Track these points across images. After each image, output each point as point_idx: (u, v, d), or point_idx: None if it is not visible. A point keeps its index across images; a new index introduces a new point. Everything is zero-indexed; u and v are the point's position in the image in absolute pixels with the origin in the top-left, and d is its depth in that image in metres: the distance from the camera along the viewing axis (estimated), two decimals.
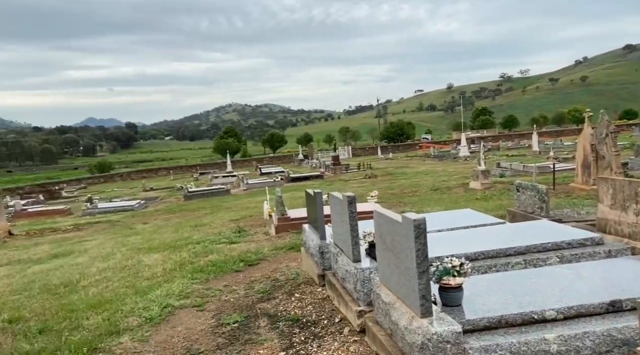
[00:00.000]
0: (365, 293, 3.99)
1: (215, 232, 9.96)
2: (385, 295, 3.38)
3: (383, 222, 3.39)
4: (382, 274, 3.55)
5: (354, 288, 4.13)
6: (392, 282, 3.31)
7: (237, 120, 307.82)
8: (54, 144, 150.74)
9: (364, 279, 4.00)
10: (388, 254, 3.34)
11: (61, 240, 12.05)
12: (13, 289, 6.46)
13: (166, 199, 25.06)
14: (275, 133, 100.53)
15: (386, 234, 3.34)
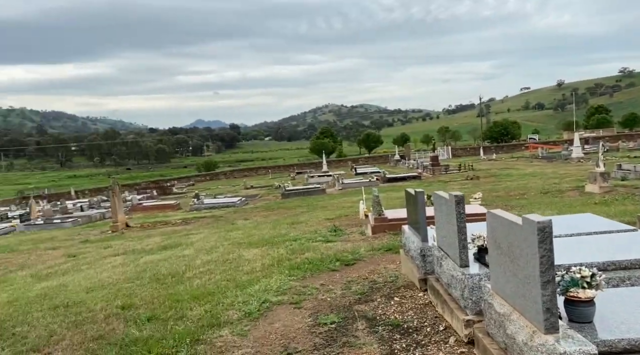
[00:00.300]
0: (474, 301, 3.65)
1: (311, 230, 9.99)
2: (499, 305, 3.03)
3: (498, 225, 3.04)
4: (496, 281, 3.20)
5: (461, 295, 3.80)
6: (508, 291, 2.96)
7: (333, 120, 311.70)
8: (167, 144, 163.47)
9: (472, 286, 3.66)
10: (503, 259, 3.00)
11: (170, 233, 12.85)
12: (127, 277, 6.92)
13: (265, 197, 25.91)
14: (371, 133, 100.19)
15: (502, 238, 2.99)
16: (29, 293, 6.51)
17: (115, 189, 16.50)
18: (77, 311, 5.32)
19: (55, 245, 12.84)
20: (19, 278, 7.93)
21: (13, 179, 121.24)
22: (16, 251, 12.20)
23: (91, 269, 8.02)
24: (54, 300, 5.86)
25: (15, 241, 15.21)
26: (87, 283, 6.80)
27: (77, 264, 8.91)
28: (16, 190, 69.02)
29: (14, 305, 5.84)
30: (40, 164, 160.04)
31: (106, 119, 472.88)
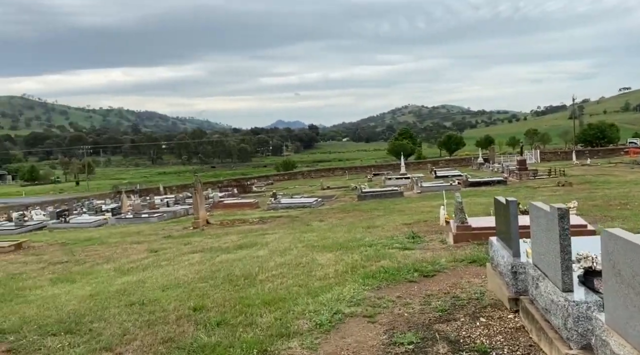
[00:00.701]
0: (580, 333, 3.11)
1: (387, 236, 9.57)
2: (617, 346, 2.50)
3: (619, 248, 2.51)
4: (612, 315, 2.66)
5: (563, 324, 3.26)
6: (632, 330, 2.42)
7: (413, 122, 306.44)
8: (248, 144, 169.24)
9: (578, 316, 3.12)
10: (625, 291, 2.46)
11: (247, 232, 12.98)
12: (201, 277, 6.94)
13: (341, 198, 25.73)
14: (453, 135, 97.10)
15: (623, 264, 2.46)
16: (110, 287, 6.72)
17: (198, 186, 17.05)
18: (151, 310, 5.35)
19: (141, 239, 13.43)
20: (103, 271, 8.28)
21: (110, 174, 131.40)
22: (105, 244, 12.90)
23: (170, 266, 8.19)
24: (131, 297, 5.97)
25: (106, 234, 16.17)
26: (164, 280, 6.90)
27: (157, 259, 9.17)
28: (112, 185, 74.50)
29: (95, 299, 6.03)
30: (134, 160, 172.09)
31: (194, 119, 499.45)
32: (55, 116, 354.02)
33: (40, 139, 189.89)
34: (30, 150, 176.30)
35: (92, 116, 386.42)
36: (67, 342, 4.45)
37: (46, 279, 7.99)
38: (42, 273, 8.61)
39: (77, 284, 7.27)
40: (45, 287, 7.25)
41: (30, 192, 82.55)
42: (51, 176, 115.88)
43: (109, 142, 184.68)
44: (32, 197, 65.70)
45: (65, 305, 5.81)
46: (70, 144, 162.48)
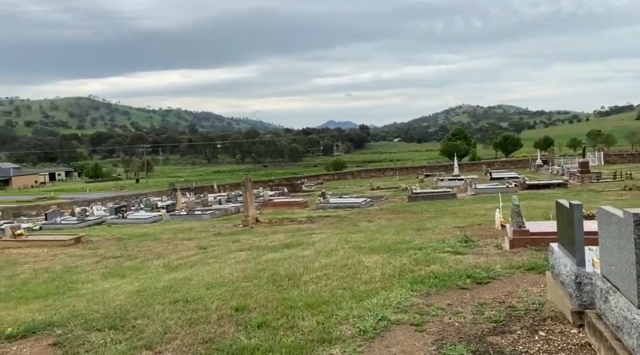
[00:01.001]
0: None
1: (438, 239, 9.18)
2: None
3: None
4: None
5: (639, 346, 2.88)
6: None
7: (467, 122, 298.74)
8: (300, 144, 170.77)
9: None
10: None
11: (294, 231, 12.92)
12: (246, 275, 6.88)
13: (391, 199, 25.30)
14: (509, 135, 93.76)
15: None
16: (157, 284, 6.78)
17: (248, 185, 17.20)
18: (194, 308, 5.31)
19: (191, 236, 13.67)
20: (152, 267, 8.41)
21: (168, 172, 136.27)
22: (158, 240, 13.21)
23: (216, 264, 8.21)
24: (176, 294, 5.98)
25: (160, 230, 16.61)
26: (209, 278, 6.90)
27: (205, 256, 9.24)
28: (169, 182, 77.16)
29: (141, 295, 6.09)
30: (191, 159, 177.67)
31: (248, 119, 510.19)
32: (118, 116, 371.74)
33: (104, 138, 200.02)
34: (94, 148, 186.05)
35: (152, 116, 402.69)
36: (110, 338, 4.47)
37: (98, 273, 8.22)
38: (96, 267, 8.87)
39: (126, 279, 7.41)
40: (96, 281, 7.44)
41: (93, 188, 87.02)
42: (113, 173, 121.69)
43: (167, 142, 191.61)
44: (95, 193, 69.20)
45: (113, 301, 5.89)
46: (132, 143, 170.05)
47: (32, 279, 8.03)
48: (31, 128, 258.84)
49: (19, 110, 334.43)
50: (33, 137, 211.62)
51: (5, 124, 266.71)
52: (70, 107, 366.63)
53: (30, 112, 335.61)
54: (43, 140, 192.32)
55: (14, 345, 4.51)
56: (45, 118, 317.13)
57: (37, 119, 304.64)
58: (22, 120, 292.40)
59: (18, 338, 4.67)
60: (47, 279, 7.82)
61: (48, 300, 6.20)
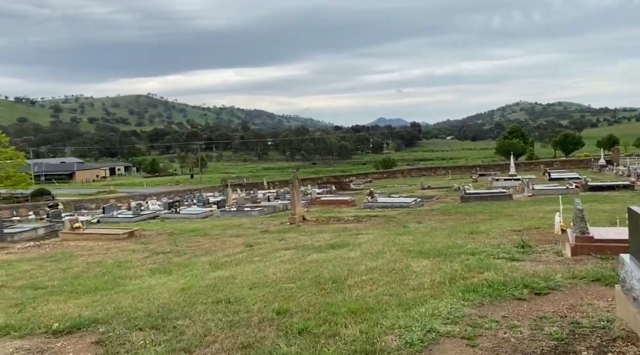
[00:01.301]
0: None
1: (493, 243, 8.70)
2: None
3: None
4: None
5: None
6: None
7: (524, 119, 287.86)
8: (349, 141, 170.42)
9: None
10: None
11: (341, 230, 12.71)
12: (290, 276, 6.74)
13: (442, 199, 24.58)
14: (570, 134, 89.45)
15: None
16: (202, 282, 6.77)
17: (295, 182, 17.15)
18: (235, 309, 5.21)
19: (240, 232, 13.76)
20: (199, 264, 8.45)
21: (221, 168, 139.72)
22: (208, 235, 13.37)
23: (261, 262, 8.13)
24: (219, 294, 5.92)
25: (210, 225, 16.86)
26: (253, 278, 6.81)
27: (251, 254, 9.20)
28: (221, 178, 78.90)
29: (185, 294, 6.07)
30: (242, 156, 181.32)
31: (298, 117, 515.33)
32: (175, 113, 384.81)
33: (161, 135, 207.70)
34: (152, 144, 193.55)
35: (206, 114, 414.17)
36: (150, 339, 4.43)
37: (147, 268, 8.34)
38: (145, 262, 9.03)
39: (172, 276, 7.46)
40: (144, 277, 7.54)
41: (150, 183, 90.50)
42: (169, 169, 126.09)
43: (220, 139, 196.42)
44: (152, 188, 71.87)
45: (157, 298, 5.91)
46: (187, 139, 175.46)
47: (84, 272, 8.26)
48: (94, 125, 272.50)
49: (83, 107, 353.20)
50: (96, 133, 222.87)
51: (70, 121, 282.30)
52: (130, 104, 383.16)
53: (93, 109, 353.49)
54: (104, 137, 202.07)
55: (60, 341, 4.57)
56: (107, 115, 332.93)
57: (100, 116, 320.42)
58: (85, 117, 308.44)
59: (64, 334, 4.73)
60: (97, 274, 8.02)
61: (96, 295, 6.31)
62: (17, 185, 62.69)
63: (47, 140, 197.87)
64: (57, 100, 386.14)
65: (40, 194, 62.54)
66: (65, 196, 60.86)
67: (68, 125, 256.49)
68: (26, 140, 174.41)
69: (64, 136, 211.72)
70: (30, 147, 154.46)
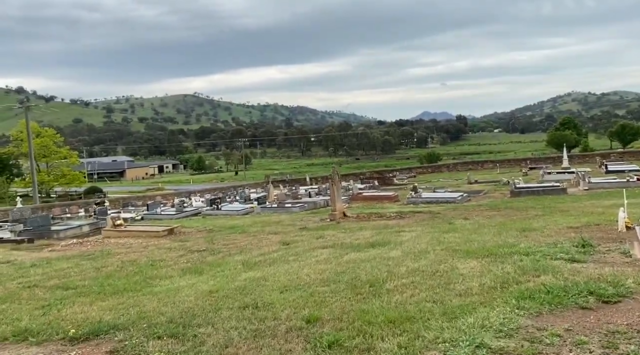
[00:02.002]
0: None
1: (548, 242, 7.91)
2: None
3: None
4: None
5: None
6: None
7: (577, 110, 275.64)
8: (392, 136, 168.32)
9: None
10: None
11: (382, 228, 12.13)
12: (324, 278, 6.27)
13: (490, 194, 23.47)
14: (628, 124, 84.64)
15: None
16: (232, 284, 6.40)
17: (335, 178, 16.67)
18: (262, 316, 4.79)
19: (278, 229, 13.43)
20: (232, 263, 8.11)
21: (265, 164, 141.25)
22: (246, 232, 13.12)
23: (296, 262, 7.70)
24: (247, 298, 5.52)
25: (249, 222, 16.66)
26: (285, 279, 6.38)
27: (286, 253, 8.80)
28: (264, 175, 79.55)
29: (212, 297, 5.71)
30: (286, 152, 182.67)
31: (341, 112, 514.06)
32: (220, 112, 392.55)
33: (208, 133, 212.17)
34: (199, 142, 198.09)
35: (251, 111, 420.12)
36: (167, 349, 4.07)
37: (179, 268, 8.08)
38: (178, 261, 8.80)
39: (203, 277, 7.15)
40: (174, 278, 7.26)
41: (197, 180, 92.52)
42: (215, 166, 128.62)
43: (264, 136, 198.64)
44: (197, 185, 73.33)
45: (183, 302, 5.58)
46: (232, 137, 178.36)
47: (117, 272, 8.09)
48: (144, 124, 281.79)
49: (133, 107, 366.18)
50: (145, 132, 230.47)
51: (122, 121, 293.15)
52: (177, 104, 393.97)
53: (143, 109, 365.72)
54: (153, 135, 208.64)
55: (74, 349, 4.30)
56: (156, 114, 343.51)
57: (149, 116, 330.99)
58: (136, 116, 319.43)
59: (80, 341, 4.47)
60: (129, 273, 7.82)
61: (123, 297, 6.06)
62: (71, 184, 65.59)
63: (100, 140, 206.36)
64: (109, 101, 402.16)
65: (93, 191, 65.00)
66: (116, 193, 62.98)
67: (119, 125, 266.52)
68: (81, 140, 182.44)
69: (116, 136, 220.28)
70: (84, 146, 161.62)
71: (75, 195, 62.41)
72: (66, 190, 67.13)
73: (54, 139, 65.94)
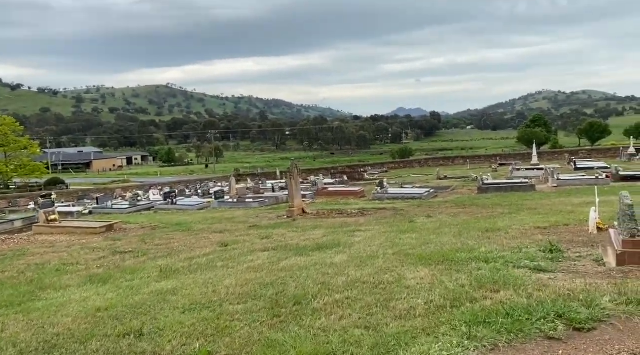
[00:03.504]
0: None
1: (513, 246, 7.02)
2: None
3: None
4: None
5: None
6: None
7: (547, 108, 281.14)
8: (368, 131, 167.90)
9: None
10: None
11: (338, 226, 11.12)
12: (244, 292, 5.18)
13: (458, 190, 22.76)
14: (596, 122, 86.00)
15: None
16: (131, 298, 5.26)
17: (294, 172, 15.59)
18: (141, 350, 3.68)
19: (226, 228, 12.30)
20: (149, 269, 6.94)
21: (238, 158, 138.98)
22: (189, 231, 11.97)
23: (223, 269, 6.59)
24: (137, 320, 4.39)
25: (200, 218, 15.46)
26: (199, 293, 5.28)
27: (219, 257, 7.69)
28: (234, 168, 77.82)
29: (95, 318, 4.57)
30: (260, 146, 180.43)
31: (317, 106, 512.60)
32: (194, 103, 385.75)
33: (180, 124, 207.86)
34: (170, 134, 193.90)
35: (225, 104, 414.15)
36: None
37: (86, 275, 6.88)
38: (92, 266, 7.59)
39: (105, 287, 5.98)
40: (70, 288, 6.07)
41: (165, 172, 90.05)
42: (185, 158, 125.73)
43: (238, 128, 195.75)
44: (164, 177, 71.24)
45: (55, 325, 4.42)
46: (204, 128, 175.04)
47: (11, 279, 6.85)
48: (114, 114, 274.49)
49: (104, 97, 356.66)
50: (116, 123, 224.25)
51: (92, 111, 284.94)
52: (150, 94, 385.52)
53: (114, 99, 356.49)
54: (124, 126, 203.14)
55: None
56: (127, 105, 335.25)
57: (120, 106, 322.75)
58: (106, 107, 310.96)
59: None
60: (22, 281, 6.59)
61: None
62: (31, 175, 62.69)
63: (69, 130, 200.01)
64: (79, 90, 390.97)
65: (54, 183, 62.26)
66: (80, 185, 60.50)
67: (89, 116, 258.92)
68: (48, 130, 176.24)
69: (85, 126, 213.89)
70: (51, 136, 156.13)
71: (36, 187, 59.70)
72: (26, 181, 64.27)
73: (13, 127, 63.01)
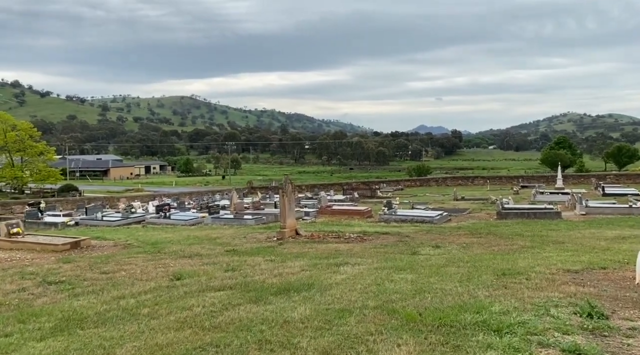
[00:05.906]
0: None
1: (536, 302, 5.22)
2: None
3: None
4: None
5: None
6: None
7: (572, 131, 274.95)
8: (387, 147, 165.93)
9: None
10: None
11: (326, 256, 9.42)
12: None
13: (475, 213, 20.81)
14: (624, 146, 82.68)
15: None
16: None
17: (287, 188, 13.94)
18: None
19: (201, 251, 10.72)
20: (50, 314, 5.33)
21: (256, 170, 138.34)
22: (157, 254, 10.43)
23: (144, 321, 4.96)
24: None
25: (182, 237, 13.93)
26: None
27: (153, 298, 6.05)
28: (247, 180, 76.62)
29: None
30: (279, 159, 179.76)
31: (338, 121, 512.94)
32: (217, 115, 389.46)
33: (202, 135, 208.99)
34: (191, 144, 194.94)
35: (247, 116, 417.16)
36: None
37: None
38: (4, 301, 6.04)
39: None
40: None
41: (181, 182, 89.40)
42: (203, 169, 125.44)
43: (258, 140, 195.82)
44: (179, 187, 70.45)
45: None
46: (225, 140, 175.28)
47: None
48: (138, 123, 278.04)
49: (129, 106, 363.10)
50: (139, 132, 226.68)
51: (116, 119, 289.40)
52: (174, 105, 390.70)
53: (139, 109, 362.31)
54: (147, 135, 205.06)
55: None
56: (152, 115, 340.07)
57: (144, 116, 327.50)
58: (131, 116, 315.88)
59: None
60: None
61: None
62: (45, 180, 62.56)
63: (93, 137, 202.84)
64: (105, 99, 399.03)
65: (68, 189, 61.92)
66: (94, 192, 60.02)
67: (114, 124, 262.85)
68: (72, 136, 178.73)
69: (109, 134, 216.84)
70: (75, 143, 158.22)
71: (49, 193, 59.47)
72: (40, 187, 64.21)
73: (31, 132, 63.22)
